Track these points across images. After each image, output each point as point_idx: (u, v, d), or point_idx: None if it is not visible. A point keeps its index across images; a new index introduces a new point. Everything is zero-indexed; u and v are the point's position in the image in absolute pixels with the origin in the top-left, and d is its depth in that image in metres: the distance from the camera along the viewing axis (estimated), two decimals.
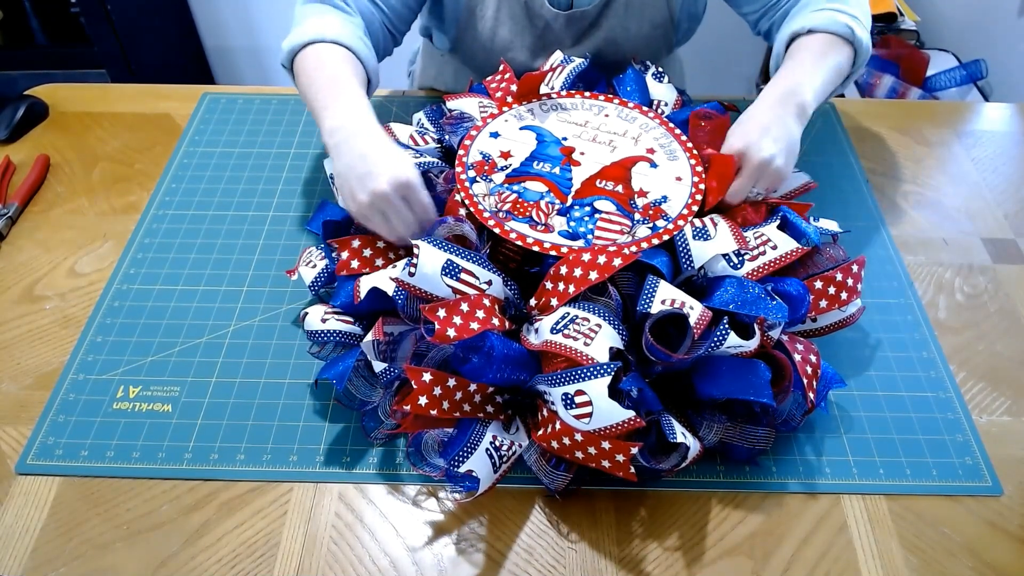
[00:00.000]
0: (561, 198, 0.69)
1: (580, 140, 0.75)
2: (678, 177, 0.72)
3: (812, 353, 0.63)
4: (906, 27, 1.66)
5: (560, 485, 0.59)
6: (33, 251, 0.81)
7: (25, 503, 0.61)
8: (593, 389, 0.55)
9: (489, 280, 0.62)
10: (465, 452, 0.57)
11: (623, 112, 0.79)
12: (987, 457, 0.65)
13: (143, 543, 0.59)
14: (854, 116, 0.99)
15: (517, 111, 0.78)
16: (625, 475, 0.55)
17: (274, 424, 0.66)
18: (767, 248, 0.64)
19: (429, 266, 0.60)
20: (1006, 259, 0.81)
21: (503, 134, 0.75)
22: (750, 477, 0.63)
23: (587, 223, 0.67)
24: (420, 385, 0.56)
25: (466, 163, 0.72)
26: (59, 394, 0.68)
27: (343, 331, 0.65)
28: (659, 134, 0.76)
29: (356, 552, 0.59)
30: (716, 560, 0.59)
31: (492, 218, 0.67)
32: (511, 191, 0.69)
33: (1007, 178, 0.91)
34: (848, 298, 0.65)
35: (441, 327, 0.57)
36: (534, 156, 0.73)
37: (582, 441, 0.56)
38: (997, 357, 0.72)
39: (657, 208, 0.69)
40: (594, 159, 0.73)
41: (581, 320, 0.58)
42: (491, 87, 0.82)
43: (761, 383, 0.58)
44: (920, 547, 0.60)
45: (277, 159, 0.91)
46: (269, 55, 2.13)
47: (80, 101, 0.99)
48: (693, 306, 0.59)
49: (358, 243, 0.68)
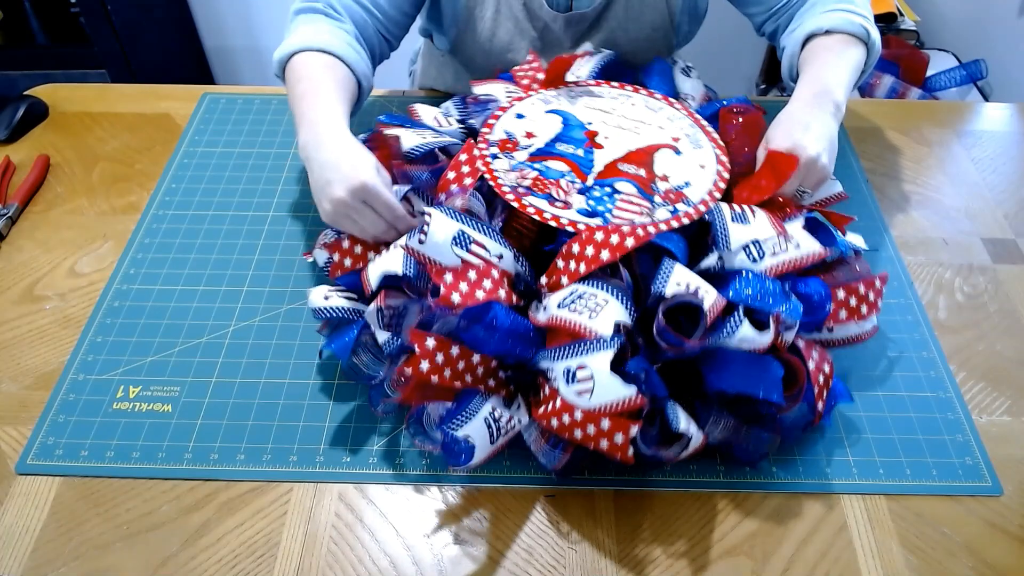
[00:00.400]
0: (582, 178, 0.69)
1: (605, 126, 0.75)
2: (702, 165, 0.71)
3: (827, 363, 0.62)
4: (906, 27, 1.66)
5: (558, 465, 0.59)
6: (33, 251, 0.81)
7: (25, 503, 0.61)
8: (595, 363, 0.54)
9: (500, 254, 0.62)
10: (463, 418, 0.56)
11: (650, 102, 0.79)
12: (987, 457, 0.65)
13: (143, 543, 0.59)
14: (854, 116, 0.99)
15: (544, 95, 0.78)
16: (623, 457, 0.55)
17: (274, 424, 0.66)
18: (790, 246, 0.63)
19: (440, 234, 0.60)
20: (1006, 259, 0.81)
21: (528, 116, 0.75)
22: (750, 477, 0.63)
23: (606, 202, 0.66)
24: (423, 350, 0.56)
25: (489, 140, 0.72)
26: (59, 394, 0.68)
27: (346, 308, 0.66)
28: (685, 124, 0.76)
29: (356, 552, 0.59)
30: (716, 560, 0.59)
31: (511, 192, 0.66)
32: (533, 168, 0.69)
33: (1007, 178, 0.91)
34: (868, 312, 0.64)
35: (447, 291, 0.57)
36: (558, 138, 0.73)
37: (581, 419, 0.55)
38: (997, 357, 0.72)
39: (679, 193, 0.68)
40: (618, 143, 0.73)
41: (589, 296, 0.58)
42: (518, 75, 0.82)
43: (772, 381, 0.57)
44: (920, 547, 0.60)
45: (277, 159, 0.91)
46: (269, 55, 2.12)
47: (80, 101, 0.99)
48: (708, 291, 0.58)
49: (347, 243, 0.68)
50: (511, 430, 0.59)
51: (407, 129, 0.73)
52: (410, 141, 0.70)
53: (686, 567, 0.58)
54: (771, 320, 0.58)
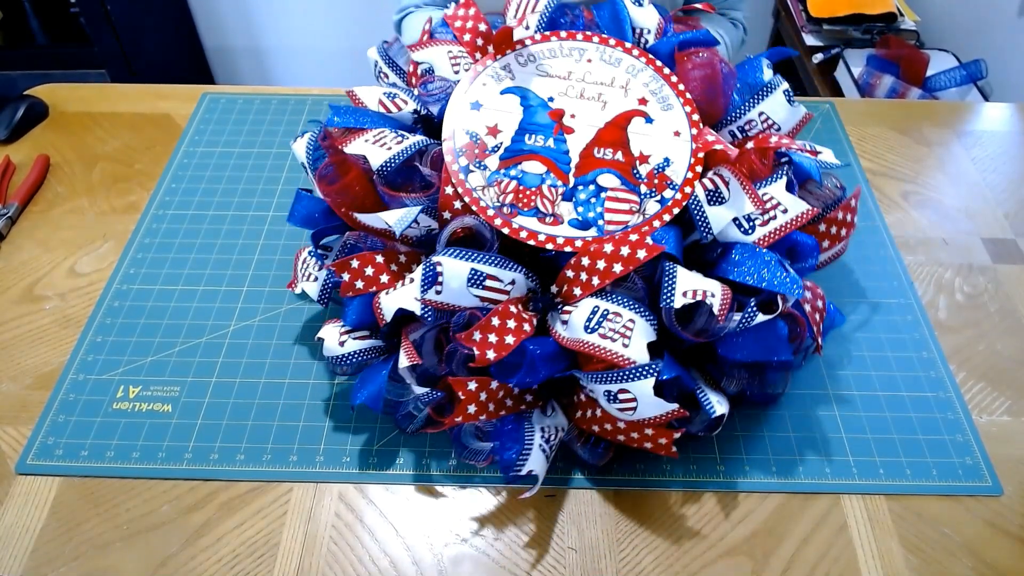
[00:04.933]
0: (562, 178, 0.67)
1: (567, 98, 0.71)
2: (676, 132, 0.69)
3: (819, 298, 0.65)
4: (906, 27, 1.66)
5: (602, 462, 0.62)
6: (33, 251, 0.81)
7: (25, 503, 0.61)
8: (638, 389, 0.56)
9: (512, 280, 0.61)
10: (524, 456, 0.58)
11: (606, 53, 0.74)
12: (987, 457, 0.65)
13: (143, 543, 0.59)
14: (854, 116, 0.99)
15: (494, 69, 0.72)
16: (667, 453, 0.59)
17: (274, 424, 0.66)
18: (777, 212, 0.63)
19: (455, 281, 0.59)
20: (1006, 259, 0.81)
21: (485, 103, 0.71)
22: (750, 477, 0.63)
23: (595, 206, 0.65)
24: (467, 395, 0.57)
25: (454, 149, 0.67)
26: (59, 394, 0.68)
27: (364, 349, 0.64)
28: (647, 77, 0.72)
29: (356, 552, 0.59)
30: (716, 560, 0.59)
31: (498, 215, 0.64)
32: (509, 177, 0.66)
33: (1007, 178, 0.91)
34: (846, 233, 0.67)
35: (480, 352, 0.57)
36: (524, 128, 0.69)
37: (624, 428, 0.58)
38: (997, 357, 0.72)
39: (661, 175, 0.66)
40: (586, 121, 0.70)
41: (613, 316, 0.58)
42: (455, 27, 0.75)
43: (782, 343, 0.60)
44: (920, 547, 0.60)
45: (277, 159, 0.91)
46: (269, 55, 2.13)
47: (80, 101, 0.99)
48: (715, 292, 0.58)
49: (357, 263, 0.64)
50: (557, 443, 0.61)
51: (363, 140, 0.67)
52: (378, 156, 0.65)
53: (686, 567, 0.58)
54: (779, 300, 0.59)
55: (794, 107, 0.70)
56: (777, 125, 0.69)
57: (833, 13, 1.68)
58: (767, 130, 0.70)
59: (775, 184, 0.64)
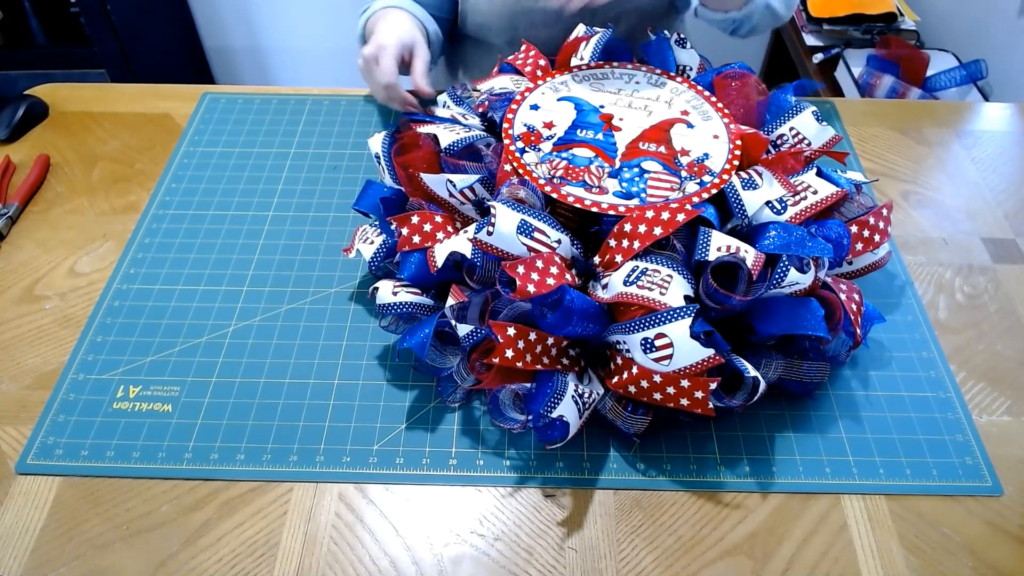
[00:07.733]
0: (609, 161, 0.72)
1: (617, 107, 0.78)
2: (715, 135, 0.75)
3: (855, 292, 0.66)
4: (906, 27, 1.66)
5: (640, 428, 0.63)
6: (33, 251, 0.81)
7: (25, 503, 0.61)
8: (674, 331, 0.57)
9: (559, 239, 0.65)
10: (554, 400, 0.59)
11: (652, 78, 0.82)
12: (987, 457, 0.65)
13: (143, 543, 0.59)
14: (854, 116, 0.99)
15: (552, 83, 0.81)
16: (704, 411, 0.59)
17: (274, 424, 0.66)
18: (808, 194, 0.68)
19: (505, 226, 0.63)
20: (1006, 259, 0.81)
21: (542, 106, 0.78)
22: (750, 477, 0.63)
23: (638, 183, 0.70)
24: (505, 339, 0.59)
25: (513, 135, 0.74)
26: (59, 394, 0.68)
27: (415, 303, 0.68)
28: (690, 96, 0.80)
29: (356, 552, 0.59)
30: (716, 560, 0.59)
31: (548, 184, 0.69)
32: (560, 158, 0.72)
33: (1007, 178, 0.91)
34: (880, 240, 0.69)
35: (521, 283, 0.60)
36: (576, 124, 0.76)
37: (660, 382, 0.59)
38: (997, 357, 0.72)
39: (701, 165, 0.71)
40: (633, 123, 0.76)
41: (652, 272, 0.61)
42: (518, 64, 0.85)
43: (816, 319, 0.61)
44: (920, 547, 0.60)
45: (277, 159, 0.91)
46: (269, 55, 2.13)
47: (80, 101, 0.99)
48: (748, 250, 0.62)
49: (417, 219, 0.70)
50: (591, 403, 0.62)
51: (437, 126, 0.75)
52: (447, 138, 0.73)
53: (686, 567, 0.58)
54: (811, 262, 0.62)
55: (823, 127, 0.75)
56: (807, 140, 0.74)
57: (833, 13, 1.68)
58: (798, 144, 0.75)
59: (807, 173, 0.70)
